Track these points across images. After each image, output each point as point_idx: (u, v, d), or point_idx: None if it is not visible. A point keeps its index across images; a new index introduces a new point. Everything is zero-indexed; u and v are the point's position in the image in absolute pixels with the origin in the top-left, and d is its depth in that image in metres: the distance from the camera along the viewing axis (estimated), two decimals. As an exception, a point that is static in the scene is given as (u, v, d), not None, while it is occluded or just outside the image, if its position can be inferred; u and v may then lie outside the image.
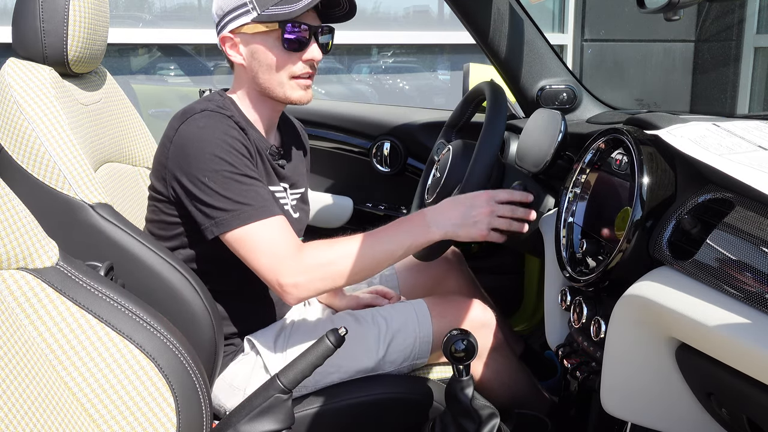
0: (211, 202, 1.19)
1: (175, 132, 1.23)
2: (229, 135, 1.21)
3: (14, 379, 0.73)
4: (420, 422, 1.31)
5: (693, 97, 4.96)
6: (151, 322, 0.90)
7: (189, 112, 1.25)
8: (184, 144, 1.21)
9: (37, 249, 0.84)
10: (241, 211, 1.19)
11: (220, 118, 1.23)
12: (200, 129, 1.21)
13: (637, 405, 1.00)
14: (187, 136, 1.21)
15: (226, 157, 1.19)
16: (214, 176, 1.19)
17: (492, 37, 1.65)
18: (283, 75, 1.29)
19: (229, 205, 1.19)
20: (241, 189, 1.20)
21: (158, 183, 1.28)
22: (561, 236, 1.21)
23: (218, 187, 1.19)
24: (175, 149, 1.22)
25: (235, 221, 1.19)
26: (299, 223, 1.47)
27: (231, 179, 1.19)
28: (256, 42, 1.28)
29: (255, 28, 1.26)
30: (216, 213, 1.19)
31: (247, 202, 1.20)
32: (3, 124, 1.20)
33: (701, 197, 0.94)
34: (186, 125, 1.22)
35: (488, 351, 1.44)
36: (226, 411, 1.34)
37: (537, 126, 1.41)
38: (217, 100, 1.30)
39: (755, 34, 4.71)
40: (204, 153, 1.19)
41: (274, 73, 1.29)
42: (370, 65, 4.18)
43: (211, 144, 1.19)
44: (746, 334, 0.75)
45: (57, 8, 1.24)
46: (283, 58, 1.28)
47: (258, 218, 1.19)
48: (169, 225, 1.29)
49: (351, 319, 1.42)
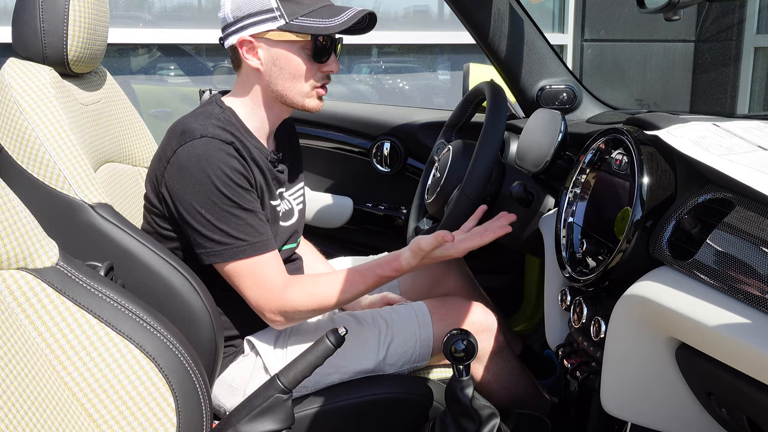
0: (205, 232, 1.21)
1: (173, 153, 1.22)
2: (228, 165, 1.20)
3: (14, 379, 0.73)
4: (420, 422, 1.31)
5: (693, 97, 4.96)
6: (151, 322, 0.90)
7: (188, 135, 1.22)
8: (182, 170, 1.20)
9: (37, 249, 0.84)
10: (235, 245, 1.21)
11: (220, 145, 1.21)
12: (199, 158, 1.20)
13: (637, 405, 1.00)
14: (185, 163, 1.20)
15: (223, 190, 1.19)
16: (211, 208, 1.19)
17: (492, 37, 1.65)
18: (306, 84, 1.30)
19: (223, 238, 1.21)
20: (237, 223, 1.21)
21: (152, 194, 1.28)
22: (561, 236, 1.21)
23: (214, 219, 1.20)
24: (173, 171, 1.22)
25: (228, 255, 1.22)
26: (301, 216, 1.49)
27: (227, 212, 1.20)
28: (281, 49, 1.27)
29: (282, 35, 1.25)
30: (209, 244, 1.22)
31: (241, 237, 1.21)
32: (3, 124, 1.20)
33: (701, 197, 0.94)
34: (184, 150, 1.21)
35: (489, 354, 1.44)
36: (226, 411, 1.34)
37: (537, 126, 1.41)
38: (217, 115, 1.27)
39: (755, 34, 4.71)
40: (201, 183, 1.19)
41: (296, 82, 1.29)
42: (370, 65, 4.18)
43: (209, 175, 1.19)
44: (746, 334, 0.75)
45: (57, 8, 1.24)
46: (307, 68, 1.29)
47: (250, 254, 1.22)
48: (164, 239, 1.29)
49: (351, 319, 1.42)
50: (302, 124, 2.16)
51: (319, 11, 1.27)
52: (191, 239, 1.23)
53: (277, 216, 1.36)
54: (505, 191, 1.42)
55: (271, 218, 1.33)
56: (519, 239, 1.45)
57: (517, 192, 1.36)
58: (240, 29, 1.27)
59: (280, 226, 1.38)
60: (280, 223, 1.38)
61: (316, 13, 1.26)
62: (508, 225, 1.28)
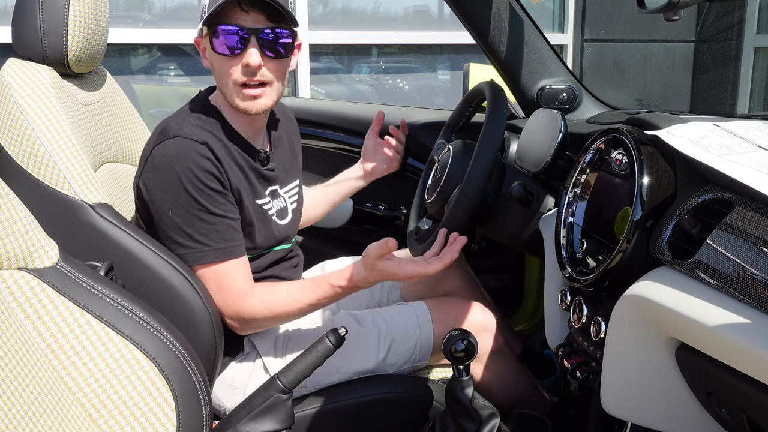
0: (170, 234, 1.21)
1: (150, 152, 1.22)
2: (198, 167, 1.18)
3: (14, 379, 0.73)
4: (420, 422, 1.31)
5: (693, 97, 4.96)
6: (151, 322, 0.90)
7: (163, 134, 1.22)
8: (155, 169, 1.21)
9: (37, 249, 0.84)
10: (198, 249, 1.22)
11: (192, 146, 1.19)
12: (170, 158, 1.19)
13: (637, 405, 1.00)
14: (158, 162, 1.20)
15: (192, 192, 1.18)
16: (178, 210, 1.19)
17: (492, 37, 1.65)
18: (228, 81, 1.23)
19: (187, 242, 1.21)
20: (203, 227, 1.21)
21: (136, 194, 1.28)
22: (561, 236, 1.21)
23: (180, 222, 1.20)
24: (149, 171, 1.22)
25: (191, 259, 1.22)
26: (296, 215, 1.48)
27: (194, 216, 1.20)
28: (207, 46, 1.25)
29: (204, 31, 1.24)
30: (173, 246, 1.22)
31: (205, 242, 1.21)
32: (3, 124, 1.20)
33: (701, 197, 0.94)
34: (158, 150, 1.21)
35: (489, 354, 1.44)
36: (226, 411, 1.34)
37: (537, 126, 1.41)
38: (198, 113, 1.27)
39: (755, 34, 4.71)
40: (172, 185, 1.19)
41: (221, 79, 1.25)
42: (370, 65, 4.17)
43: (180, 176, 1.18)
44: (746, 334, 0.75)
45: (57, 8, 1.24)
46: (221, 63, 1.23)
47: (213, 260, 1.22)
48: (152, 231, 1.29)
49: (352, 320, 1.42)
50: (302, 124, 2.15)
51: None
52: (160, 237, 1.23)
53: (267, 215, 1.35)
54: (505, 191, 1.42)
55: (260, 218, 1.32)
56: (519, 239, 1.45)
57: (517, 192, 1.36)
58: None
59: (275, 224, 1.37)
60: (276, 220, 1.37)
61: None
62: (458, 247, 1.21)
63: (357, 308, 1.56)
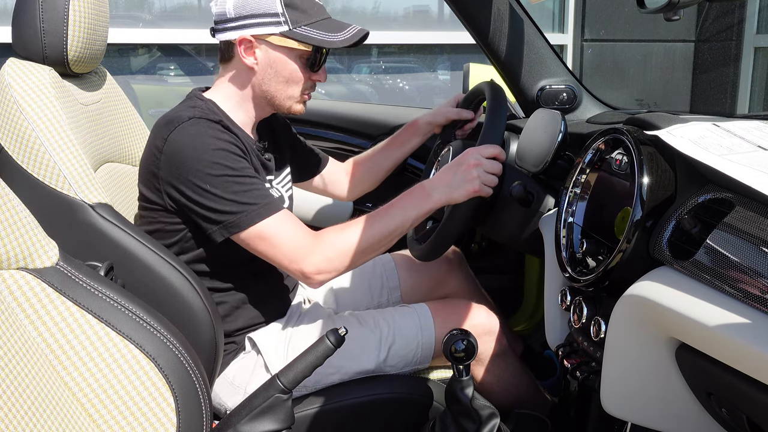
0: (216, 207, 1.20)
1: (164, 142, 1.22)
2: (221, 139, 1.22)
3: (14, 379, 0.73)
4: (420, 422, 1.31)
5: (693, 97, 4.96)
6: (151, 322, 0.90)
7: (176, 121, 1.24)
8: (177, 153, 1.21)
9: (37, 249, 0.84)
10: (249, 210, 1.21)
11: (209, 124, 1.24)
12: (191, 137, 1.21)
13: (637, 405, 1.00)
14: (179, 146, 1.21)
15: (223, 161, 1.20)
16: (215, 181, 1.19)
17: (492, 37, 1.65)
18: (296, 89, 1.34)
19: (235, 207, 1.20)
20: (244, 190, 1.21)
21: (150, 193, 1.27)
22: (561, 236, 1.21)
23: (221, 192, 1.19)
24: (168, 159, 1.22)
25: (245, 222, 1.21)
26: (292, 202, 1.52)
27: (232, 182, 1.20)
28: (279, 53, 1.29)
29: (283, 41, 1.28)
30: (223, 217, 1.21)
31: (252, 201, 1.21)
32: (3, 124, 1.20)
33: (701, 197, 0.94)
34: (176, 134, 1.22)
35: (491, 357, 1.44)
36: (226, 410, 1.34)
37: (537, 126, 1.41)
38: (200, 105, 1.29)
39: (755, 34, 4.71)
40: (200, 161, 1.19)
41: (287, 86, 1.33)
42: (370, 65, 4.17)
43: (206, 151, 1.20)
44: (746, 334, 0.75)
45: (57, 8, 1.24)
46: (300, 75, 1.32)
47: (266, 215, 1.21)
48: (168, 233, 1.29)
49: (353, 320, 1.41)
50: (302, 124, 2.16)
51: (321, 23, 1.30)
52: (204, 220, 1.22)
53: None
54: (505, 191, 1.42)
55: None
56: (519, 239, 1.45)
57: (517, 192, 1.36)
58: (241, 27, 1.27)
59: None
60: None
61: (318, 25, 1.29)
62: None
63: (357, 309, 1.56)
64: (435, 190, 1.28)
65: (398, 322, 1.40)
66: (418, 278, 1.66)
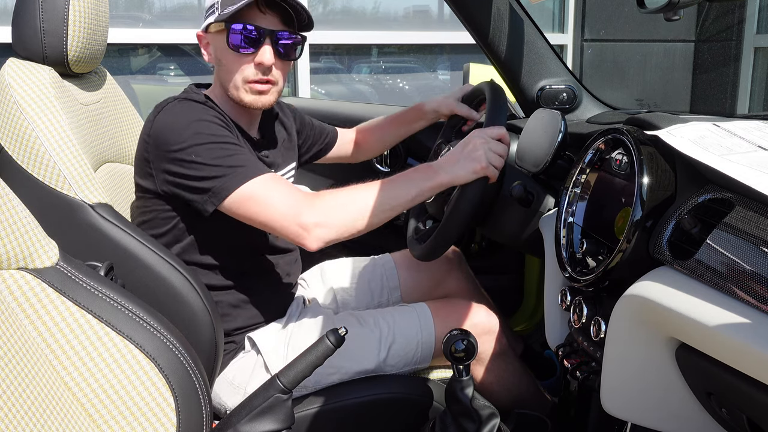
0: (202, 174, 1.18)
1: (151, 124, 1.24)
2: (206, 114, 1.23)
3: (14, 379, 0.73)
4: (420, 422, 1.31)
5: (693, 97, 4.96)
6: (151, 322, 0.90)
7: (163, 104, 1.26)
8: (162, 131, 1.21)
9: (37, 249, 0.84)
10: (236, 173, 1.18)
11: (195, 104, 1.25)
12: (176, 114, 1.22)
13: (637, 405, 1.00)
14: (164, 123, 1.22)
15: (205, 131, 1.20)
16: (199, 150, 1.19)
17: (492, 37, 1.65)
18: (237, 77, 1.29)
19: (221, 171, 1.18)
20: (228, 154, 1.20)
21: (144, 180, 1.27)
22: (561, 236, 1.20)
23: (206, 159, 1.18)
24: (155, 140, 1.22)
25: (233, 183, 1.17)
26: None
27: (217, 148, 1.19)
28: (216, 42, 1.30)
29: (216, 27, 1.28)
30: (210, 183, 1.18)
31: (238, 164, 1.19)
32: (3, 124, 1.20)
33: (701, 197, 0.94)
34: (161, 115, 1.24)
35: (491, 357, 1.44)
36: (227, 410, 1.34)
37: (537, 126, 1.41)
38: (193, 95, 1.31)
39: (755, 34, 4.71)
40: (184, 134, 1.19)
41: (229, 74, 1.30)
42: (370, 65, 4.17)
43: (189, 125, 1.20)
44: (746, 334, 0.75)
45: (57, 8, 1.24)
46: (233, 60, 1.28)
47: (254, 175, 1.19)
48: (162, 221, 1.29)
49: (353, 320, 1.41)
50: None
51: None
52: (193, 192, 1.20)
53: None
54: (505, 191, 1.42)
55: None
56: (519, 239, 1.45)
57: (517, 192, 1.36)
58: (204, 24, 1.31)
59: None
60: None
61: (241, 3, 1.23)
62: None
63: (357, 308, 1.56)
64: (441, 168, 1.25)
65: (398, 321, 1.39)
66: (418, 278, 1.66)
